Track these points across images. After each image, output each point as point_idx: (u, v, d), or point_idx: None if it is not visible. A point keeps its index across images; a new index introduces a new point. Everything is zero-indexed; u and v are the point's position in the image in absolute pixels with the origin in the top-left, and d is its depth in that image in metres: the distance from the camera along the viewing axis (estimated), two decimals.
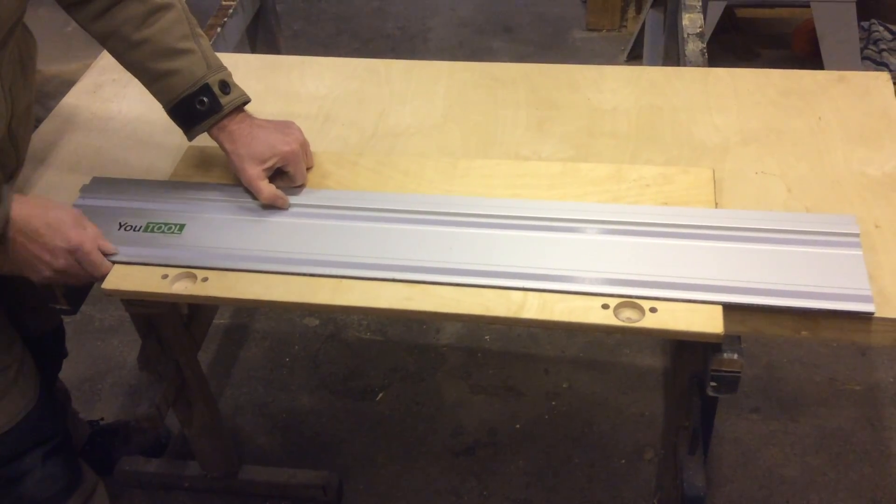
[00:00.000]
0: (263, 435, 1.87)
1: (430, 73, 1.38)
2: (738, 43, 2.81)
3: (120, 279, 1.05)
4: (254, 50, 1.94)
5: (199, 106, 1.08)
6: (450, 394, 1.92)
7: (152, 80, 1.10)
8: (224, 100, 1.09)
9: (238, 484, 1.73)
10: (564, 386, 1.92)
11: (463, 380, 1.95)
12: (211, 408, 1.59)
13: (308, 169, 1.18)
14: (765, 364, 1.91)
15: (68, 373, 1.98)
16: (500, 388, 1.93)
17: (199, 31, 1.11)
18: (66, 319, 1.89)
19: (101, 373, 2.01)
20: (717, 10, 2.16)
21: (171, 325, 1.40)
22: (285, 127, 1.15)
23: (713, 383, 1.01)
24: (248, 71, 1.42)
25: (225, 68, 1.12)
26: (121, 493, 1.77)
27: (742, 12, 2.78)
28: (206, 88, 1.08)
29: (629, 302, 0.97)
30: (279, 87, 1.38)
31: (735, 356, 0.99)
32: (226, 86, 1.10)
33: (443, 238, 1.06)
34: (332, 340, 2.06)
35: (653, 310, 0.96)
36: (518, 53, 2.99)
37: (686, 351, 1.19)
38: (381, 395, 1.94)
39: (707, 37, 2.22)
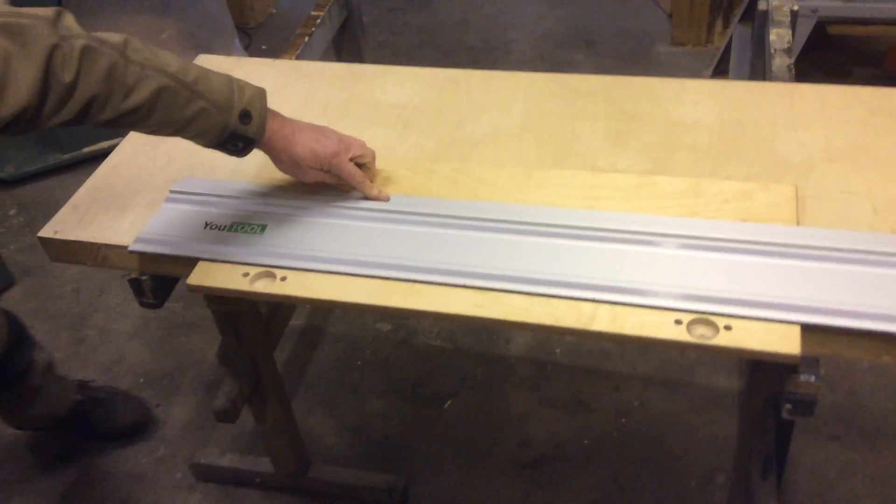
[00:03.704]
0: (333, 435, 1.90)
1: (508, 84, 1.39)
2: (829, 60, 2.73)
3: (203, 276, 1.09)
4: (339, 58, 1.98)
5: (234, 148, 1.07)
6: (518, 405, 1.92)
7: (185, 139, 1.07)
8: (251, 131, 1.06)
9: (307, 483, 1.76)
10: (636, 404, 1.89)
11: (532, 392, 1.95)
12: (284, 406, 1.63)
13: (370, 175, 1.20)
14: (847, 390, 1.85)
15: (151, 367, 2.07)
16: (570, 402, 1.91)
17: (193, 72, 1.01)
18: (152, 314, 1.97)
19: (182, 367, 2.08)
20: (807, 26, 2.11)
21: (250, 323, 1.44)
22: (319, 130, 1.14)
23: (789, 406, 0.98)
24: (332, 79, 1.46)
25: (230, 88, 1.04)
26: (195, 485, 1.82)
27: (834, 29, 2.70)
28: (232, 135, 1.05)
29: (703, 318, 0.96)
30: (361, 96, 1.41)
31: (812, 378, 0.96)
32: (246, 115, 1.05)
33: (514, 247, 1.07)
34: (403, 346, 2.09)
35: (727, 327, 0.94)
36: (599, 67, 2.98)
37: (762, 371, 1.16)
38: (449, 402, 1.95)
39: (796, 53, 2.17)
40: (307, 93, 1.41)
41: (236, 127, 1.04)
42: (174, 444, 1.90)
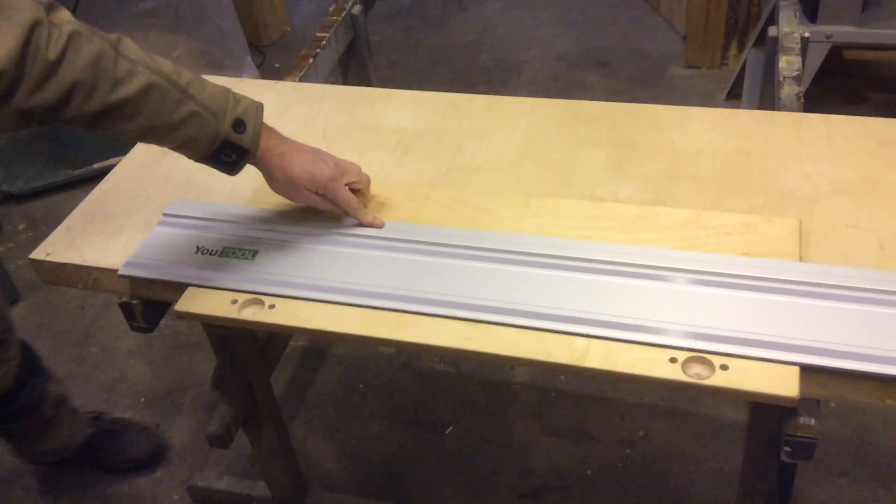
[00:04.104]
0: (332, 460, 1.88)
1: (511, 109, 1.37)
2: (846, 86, 2.69)
3: (191, 302, 1.07)
4: (346, 80, 1.97)
5: (227, 159, 1.04)
6: (520, 433, 1.89)
7: (175, 149, 1.04)
8: (245, 141, 1.03)
9: None
10: (641, 434, 1.86)
11: (535, 419, 1.91)
12: (280, 431, 1.61)
13: (364, 201, 1.18)
14: (857, 425, 1.80)
15: (153, 385, 2.05)
16: (573, 431, 1.88)
17: (187, 76, 1.00)
18: (156, 333, 1.95)
19: (183, 387, 2.07)
20: (820, 52, 2.08)
21: (246, 347, 1.42)
22: (316, 153, 1.12)
23: (787, 448, 0.95)
24: (334, 102, 1.44)
25: (225, 97, 1.02)
26: None
27: (850, 54, 2.66)
28: (225, 144, 1.02)
29: (699, 357, 0.93)
30: (362, 119, 1.39)
31: (812, 421, 0.93)
32: (240, 124, 1.02)
33: (508, 277, 1.04)
34: (405, 369, 2.06)
35: (724, 367, 0.91)
36: (612, 89, 2.95)
37: (763, 409, 1.13)
38: (450, 428, 1.92)
39: (809, 79, 2.14)
40: (307, 115, 1.40)
41: (229, 135, 1.01)
42: (172, 465, 1.88)
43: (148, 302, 1.17)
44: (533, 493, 1.77)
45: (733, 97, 2.76)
